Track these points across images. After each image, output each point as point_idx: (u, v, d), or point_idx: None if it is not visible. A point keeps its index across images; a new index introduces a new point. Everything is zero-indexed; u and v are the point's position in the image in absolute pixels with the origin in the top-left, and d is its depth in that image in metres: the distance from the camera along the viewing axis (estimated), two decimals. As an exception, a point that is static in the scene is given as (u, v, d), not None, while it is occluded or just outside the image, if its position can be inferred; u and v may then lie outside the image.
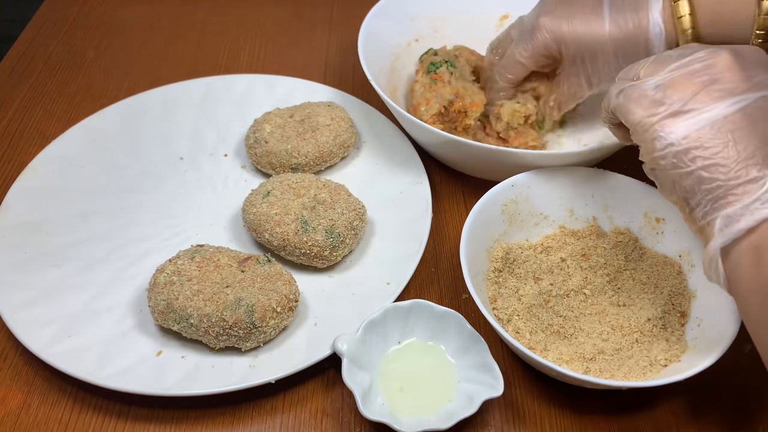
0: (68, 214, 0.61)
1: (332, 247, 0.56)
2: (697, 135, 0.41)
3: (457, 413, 0.46)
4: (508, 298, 0.54)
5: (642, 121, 0.43)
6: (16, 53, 0.82)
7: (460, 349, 0.51)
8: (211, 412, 0.50)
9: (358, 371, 0.48)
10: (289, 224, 0.56)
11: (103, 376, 0.49)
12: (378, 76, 0.66)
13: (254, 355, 0.51)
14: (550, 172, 0.58)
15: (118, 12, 0.89)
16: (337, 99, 0.72)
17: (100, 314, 0.54)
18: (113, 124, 0.69)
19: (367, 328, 0.50)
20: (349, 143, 0.66)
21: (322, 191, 0.59)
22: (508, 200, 0.57)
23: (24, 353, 0.53)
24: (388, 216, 0.62)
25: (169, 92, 0.73)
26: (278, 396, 0.51)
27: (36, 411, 0.50)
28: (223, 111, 0.72)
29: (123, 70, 0.80)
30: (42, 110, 0.75)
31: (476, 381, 0.49)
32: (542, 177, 0.58)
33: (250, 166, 0.67)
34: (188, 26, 0.87)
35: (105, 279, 0.57)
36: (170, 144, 0.69)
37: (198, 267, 0.52)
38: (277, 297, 0.51)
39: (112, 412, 0.50)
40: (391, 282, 0.56)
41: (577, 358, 0.50)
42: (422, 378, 0.50)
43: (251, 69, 0.80)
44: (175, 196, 0.64)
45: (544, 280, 0.55)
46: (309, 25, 0.87)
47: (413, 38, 0.74)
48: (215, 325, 0.49)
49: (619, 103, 0.45)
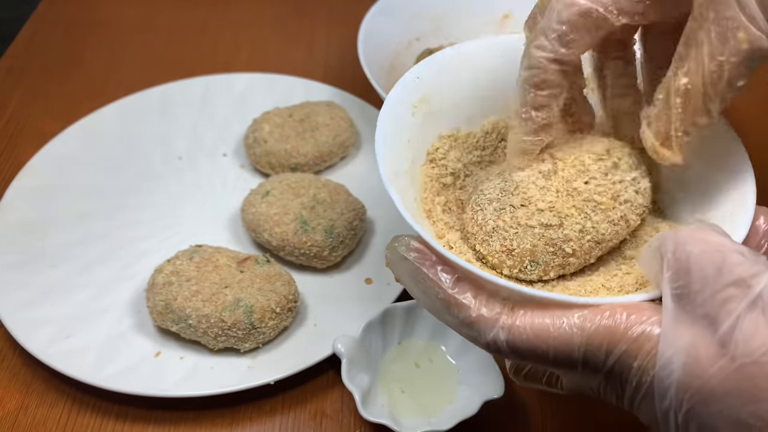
0: (66, 214, 0.61)
1: (331, 248, 0.55)
2: None
3: (457, 414, 0.46)
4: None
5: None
6: (14, 52, 0.82)
7: (461, 349, 0.50)
8: (210, 413, 0.50)
9: (358, 372, 0.48)
10: (288, 224, 0.56)
11: (101, 377, 0.49)
12: (378, 75, 0.66)
13: (253, 356, 0.51)
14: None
15: (116, 11, 0.89)
16: (336, 98, 0.71)
17: (99, 315, 0.54)
18: (112, 124, 0.69)
19: (367, 329, 0.50)
20: (348, 143, 0.66)
21: (321, 191, 0.58)
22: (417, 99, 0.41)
23: (22, 354, 0.53)
24: (388, 216, 0.61)
25: (168, 91, 0.72)
26: (277, 397, 0.51)
27: (34, 412, 0.50)
28: (222, 110, 0.72)
29: (121, 69, 0.80)
30: (40, 109, 0.74)
31: (477, 382, 0.48)
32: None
33: (249, 165, 0.67)
34: (187, 25, 0.87)
35: (103, 279, 0.56)
36: (169, 143, 0.68)
37: (197, 267, 0.52)
38: (276, 297, 0.51)
39: (111, 413, 0.50)
40: (391, 282, 0.55)
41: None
42: (422, 379, 0.50)
43: (250, 68, 0.79)
44: (174, 195, 0.64)
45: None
46: (308, 23, 0.87)
47: (413, 37, 0.74)
48: (214, 326, 0.49)
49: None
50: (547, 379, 0.36)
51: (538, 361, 0.30)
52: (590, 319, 0.29)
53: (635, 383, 0.29)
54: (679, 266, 0.28)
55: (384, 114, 0.38)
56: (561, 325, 0.29)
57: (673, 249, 0.29)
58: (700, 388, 0.27)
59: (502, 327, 0.30)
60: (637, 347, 0.28)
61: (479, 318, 0.30)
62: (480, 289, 0.31)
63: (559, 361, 0.30)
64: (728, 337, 0.26)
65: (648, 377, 0.28)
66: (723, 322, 0.27)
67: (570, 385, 0.34)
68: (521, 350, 0.30)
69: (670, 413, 0.28)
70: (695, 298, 0.28)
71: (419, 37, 0.74)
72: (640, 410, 0.30)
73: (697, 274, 0.28)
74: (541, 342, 0.30)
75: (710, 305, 0.27)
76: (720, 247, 0.28)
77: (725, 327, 0.27)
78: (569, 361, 0.30)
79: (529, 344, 0.30)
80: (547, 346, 0.30)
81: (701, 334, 0.27)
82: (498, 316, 0.30)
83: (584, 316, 0.29)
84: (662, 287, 0.29)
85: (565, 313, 0.30)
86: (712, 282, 0.27)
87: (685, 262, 0.28)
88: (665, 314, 0.28)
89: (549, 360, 0.30)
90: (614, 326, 0.29)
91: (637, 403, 0.30)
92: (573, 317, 0.29)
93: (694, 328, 0.27)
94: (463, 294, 0.31)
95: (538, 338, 0.30)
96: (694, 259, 0.28)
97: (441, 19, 0.75)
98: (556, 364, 0.30)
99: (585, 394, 0.33)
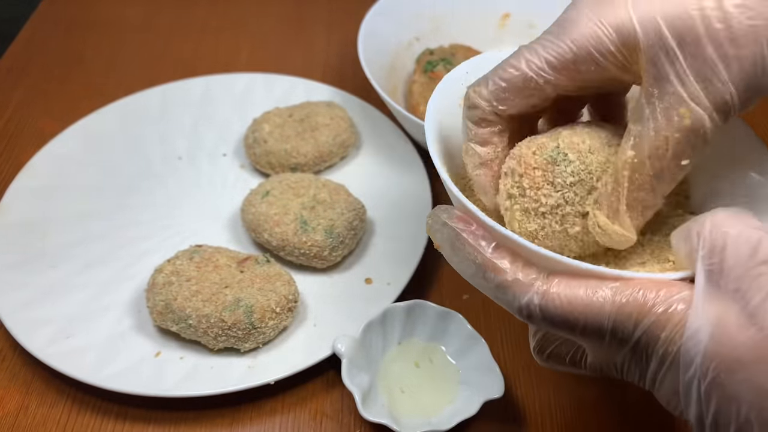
0: (66, 214, 0.61)
1: (331, 248, 0.55)
2: None
3: (457, 414, 0.46)
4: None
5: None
6: (14, 52, 0.82)
7: (461, 349, 0.50)
8: (210, 413, 0.50)
9: (358, 372, 0.48)
10: (288, 224, 0.56)
11: (101, 377, 0.49)
12: (378, 75, 0.66)
13: (253, 356, 0.51)
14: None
15: (116, 11, 0.89)
16: (336, 98, 0.71)
17: (99, 315, 0.54)
18: (112, 124, 0.69)
19: (367, 329, 0.50)
20: (348, 143, 0.66)
21: (321, 191, 0.58)
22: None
23: (22, 354, 0.53)
24: (388, 216, 0.61)
25: (168, 91, 0.72)
26: (277, 397, 0.51)
27: (34, 412, 0.50)
28: (222, 110, 0.72)
29: (121, 69, 0.80)
30: (40, 109, 0.74)
31: (477, 382, 0.48)
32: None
33: (249, 165, 0.67)
34: (187, 25, 0.87)
35: (103, 279, 0.56)
36: (169, 143, 0.68)
37: (197, 267, 0.52)
38: (276, 297, 0.51)
39: (111, 413, 0.50)
40: (391, 282, 0.55)
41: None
42: (422, 379, 0.50)
43: (250, 68, 0.79)
44: (174, 195, 0.64)
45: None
46: (308, 23, 0.87)
47: (413, 37, 0.74)
48: (214, 326, 0.49)
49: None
50: (570, 359, 0.37)
51: (568, 330, 0.31)
52: (622, 291, 0.30)
53: (661, 354, 0.30)
54: (715, 245, 0.29)
55: (434, 100, 0.39)
56: (593, 294, 0.30)
57: (710, 229, 0.30)
58: (727, 356, 0.27)
59: (537, 292, 0.31)
60: (666, 319, 0.29)
61: (515, 282, 0.32)
62: (517, 256, 0.32)
63: (588, 330, 0.31)
64: (758, 310, 0.27)
65: (674, 347, 0.29)
66: (754, 296, 0.27)
67: (595, 361, 0.34)
68: (553, 316, 0.31)
69: (693, 383, 0.29)
70: (728, 274, 0.28)
71: (419, 37, 0.74)
72: (662, 386, 0.31)
73: (731, 252, 0.29)
74: (573, 308, 0.31)
75: (742, 281, 0.28)
76: (756, 230, 0.29)
77: (756, 300, 0.27)
78: (598, 330, 0.30)
79: (561, 310, 0.31)
80: (578, 314, 0.30)
81: (731, 307, 0.28)
82: (533, 282, 0.31)
83: (616, 288, 0.30)
84: (696, 265, 0.30)
85: (598, 284, 0.30)
86: (746, 260, 0.28)
87: (720, 242, 0.29)
88: (697, 289, 0.29)
89: (578, 328, 0.31)
90: (645, 299, 0.30)
91: (660, 379, 0.30)
92: (605, 288, 0.30)
93: (725, 302, 0.28)
94: (500, 259, 0.32)
95: (571, 305, 0.31)
96: (731, 239, 0.29)
97: (441, 19, 0.75)
98: (584, 334, 0.31)
99: (608, 374, 0.34)
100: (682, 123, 0.30)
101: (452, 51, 0.70)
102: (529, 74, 0.33)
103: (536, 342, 0.38)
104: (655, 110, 0.30)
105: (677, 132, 0.30)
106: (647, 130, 0.31)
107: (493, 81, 0.34)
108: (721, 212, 0.30)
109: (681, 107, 0.30)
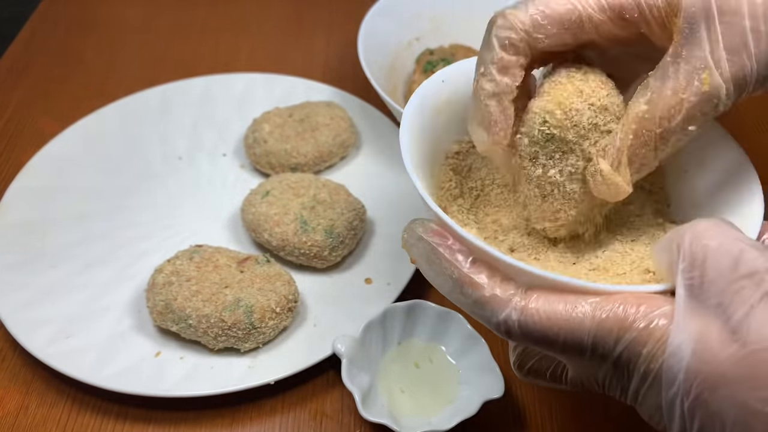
0: (66, 214, 0.61)
1: (332, 248, 0.55)
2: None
3: (457, 414, 0.46)
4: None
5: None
6: (14, 52, 0.82)
7: (461, 349, 0.50)
8: (210, 413, 0.50)
9: (358, 372, 0.48)
10: (288, 224, 0.56)
11: (101, 377, 0.49)
12: (378, 75, 0.66)
13: (253, 356, 0.51)
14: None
15: (116, 11, 0.89)
16: (336, 98, 0.71)
17: (99, 315, 0.54)
18: (111, 124, 0.69)
19: (367, 329, 0.50)
20: (348, 143, 0.66)
21: (321, 191, 0.58)
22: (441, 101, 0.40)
23: (22, 354, 0.53)
24: (388, 216, 0.61)
25: (168, 91, 0.72)
26: (277, 397, 0.51)
27: (34, 412, 0.50)
28: (222, 110, 0.72)
29: (121, 69, 0.80)
30: (40, 109, 0.74)
31: (477, 382, 0.48)
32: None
33: (248, 165, 0.67)
34: (187, 25, 0.87)
35: (103, 279, 0.56)
36: (169, 143, 0.68)
37: (197, 267, 0.52)
38: (276, 297, 0.51)
39: (111, 413, 0.50)
40: (391, 282, 0.55)
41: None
42: (422, 379, 0.50)
43: (250, 68, 0.79)
44: (174, 195, 0.64)
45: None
46: (308, 23, 0.87)
47: (413, 37, 0.74)
48: (214, 326, 0.49)
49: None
50: (551, 374, 0.36)
51: (547, 345, 0.31)
52: (602, 306, 0.29)
53: (643, 370, 0.29)
54: (695, 258, 0.28)
55: (409, 110, 0.38)
56: (573, 309, 0.30)
57: (689, 241, 0.29)
58: (710, 374, 0.27)
59: (515, 308, 0.30)
60: (647, 334, 0.28)
61: (492, 298, 0.31)
62: (495, 270, 0.31)
63: (568, 346, 0.30)
64: (740, 325, 0.27)
65: (656, 364, 0.28)
66: (736, 310, 0.27)
67: (575, 377, 0.34)
68: (532, 332, 0.30)
69: (676, 401, 0.28)
70: (709, 288, 0.28)
71: (419, 37, 0.74)
72: (644, 402, 0.30)
73: (712, 265, 0.28)
74: (552, 324, 0.30)
75: (724, 295, 0.27)
76: (736, 242, 0.28)
77: (738, 315, 0.27)
78: (579, 346, 0.30)
79: (540, 326, 0.30)
80: (558, 329, 0.30)
81: (713, 322, 0.27)
82: (511, 297, 0.31)
83: (596, 303, 0.30)
84: (676, 278, 0.29)
85: (577, 299, 0.30)
86: (727, 273, 0.27)
87: (701, 254, 0.28)
88: (678, 303, 0.28)
89: (558, 344, 0.30)
90: (625, 313, 0.29)
91: (642, 394, 0.30)
92: (585, 303, 0.30)
93: (706, 316, 0.27)
94: (477, 274, 0.31)
95: (550, 320, 0.30)
96: (711, 252, 0.28)
97: (441, 19, 0.75)
98: (564, 350, 0.30)
99: (589, 389, 0.33)
100: (701, 88, 0.30)
101: (452, 51, 0.70)
102: (577, 8, 0.31)
103: (516, 357, 0.37)
104: (678, 70, 0.30)
105: (694, 96, 0.30)
106: (665, 88, 0.31)
107: (534, 5, 0.32)
108: (701, 223, 0.29)
109: (704, 72, 0.30)
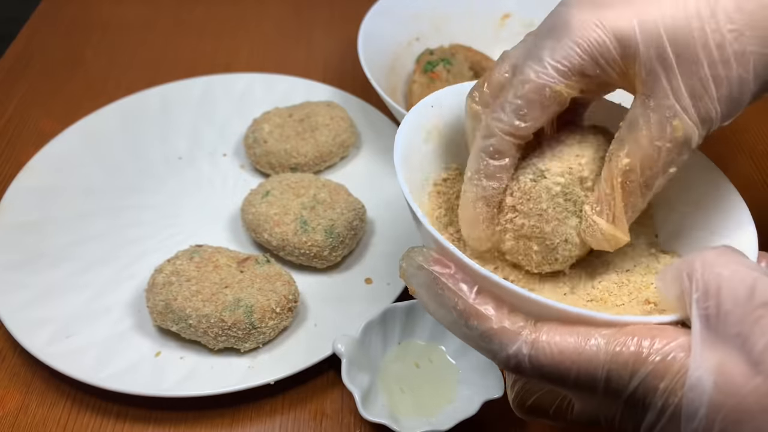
0: (66, 214, 0.61)
1: (332, 248, 0.55)
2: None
3: (457, 414, 0.46)
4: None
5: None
6: (14, 52, 0.82)
7: (461, 349, 0.50)
8: (210, 413, 0.50)
9: (358, 372, 0.48)
10: (288, 224, 0.56)
11: (101, 377, 0.49)
12: (378, 75, 0.66)
13: (253, 356, 0.51)
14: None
15: (116, 11, 0.89)
16: (336, 98, 0.71)
17: (99, 315, 0.54)
18: (112, 124, 0.69)
19: (367, 329, 0.50)
20: (348, 143, 0.66)
21: (321, 191, 0.58)
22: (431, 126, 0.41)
23: (22, 354, 0.53)
24: (388, 216, 0.61)
25: (168, 91, 0.72)
26: (277, 397, 0.51)
27: (34, 412, 0.50)
28: (222, 110, 0.72)
29: (121, 70, 0.80)
30: (40, 109, 0.74)
31: (476, 382, 0.48)
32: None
33: (248, 165, 0.67)
34: (187, 25, 0.87)
35: (103, 279, 0.56)
36: (169, 143, 0.68)
37: (197, 267, 0.52)
38: (277, 297, 0.51)
39: (111, 413, 0.50)
40: (391, 282, 0.55)
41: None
42: (422, 379, 0.50)
43: (250, 68, 0.79)
44: (174, 195, 0.64)
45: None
46: (308, 23, 0.87)
47: (414, 37, 0.74)
48: (214, 326, 0.49)
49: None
50: (555, 410, 0.34)
51: (558, 381, 0.30)
52: (615, 338, 0.28)
53: (660, 405, 0.28)
54: (708, 287, 0.28)
55: (401, 135, 0.37)
56: (585, 342, 0.29)
57: (701, 270, 0.28)
58: (734, 407, 0.26)
59: (525, 341, 0.29)
60: (664, 368, 0.28)
61: (501, 330, 0.29)
62: (501, 301, 0.30)
63: (580, 381, 0.29)
64: (762, 356, 0.26)
65: (675, 399, 0.27)
66: (757, 341, 0.26)
67: (583, 412, 0.33)
68: (543, 366, 0.29)
69: None
70: (726, 318, 0.27)
71: (419, 37, 0.74)
72: None
73: (728, 295, 0.27)
74: (564, 358, 0.29)
75: (742, 325, 0.27)
76: (749, 270, 0.28)
77: (759, 346, 0.26)
78: (591, 380, 0.29)
79: (552, 360, 0.29)
80: (570, 363, 0.29)
81: (732, 354, 0.27)
82: (521, 330, 0.29)
83: (609, 335, 0.29)
84: (690, 309, 0.28)
85: (589, 331, 0.29)
86: (744, 302, 0.27)
87: (714, 283, 0.28)
88: (694, 335, 0.28)
89: (570, 379, 0.29)
90: (640, 347, 0.28)
91: (658, 429, 0.29)
92: (598, 336, 0.29)
93: (725, 348, 0.27)
94: (484, 305, 0.30)
95: (562, 354, 0.29)
96: (725, 281, 0.27)
97: (441, 19, 0.75)
98: (576, 385, 0.29)
99: (596, 423, 0.32)
100: (675, 134, 0.31)
101: (452, 51, 0.70)
102: (548, 83, 0.32)
103: (515, 393, 0.35)
104: (650, 120, 0.31)
105: (669, 142, 0.31)
106: (641, 139, 0.32)
107: (509, 102, 0.33)
108: (710, 251, 0.29)
109: (675, 120, 0.31)
